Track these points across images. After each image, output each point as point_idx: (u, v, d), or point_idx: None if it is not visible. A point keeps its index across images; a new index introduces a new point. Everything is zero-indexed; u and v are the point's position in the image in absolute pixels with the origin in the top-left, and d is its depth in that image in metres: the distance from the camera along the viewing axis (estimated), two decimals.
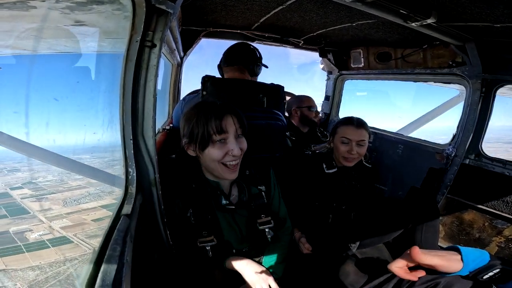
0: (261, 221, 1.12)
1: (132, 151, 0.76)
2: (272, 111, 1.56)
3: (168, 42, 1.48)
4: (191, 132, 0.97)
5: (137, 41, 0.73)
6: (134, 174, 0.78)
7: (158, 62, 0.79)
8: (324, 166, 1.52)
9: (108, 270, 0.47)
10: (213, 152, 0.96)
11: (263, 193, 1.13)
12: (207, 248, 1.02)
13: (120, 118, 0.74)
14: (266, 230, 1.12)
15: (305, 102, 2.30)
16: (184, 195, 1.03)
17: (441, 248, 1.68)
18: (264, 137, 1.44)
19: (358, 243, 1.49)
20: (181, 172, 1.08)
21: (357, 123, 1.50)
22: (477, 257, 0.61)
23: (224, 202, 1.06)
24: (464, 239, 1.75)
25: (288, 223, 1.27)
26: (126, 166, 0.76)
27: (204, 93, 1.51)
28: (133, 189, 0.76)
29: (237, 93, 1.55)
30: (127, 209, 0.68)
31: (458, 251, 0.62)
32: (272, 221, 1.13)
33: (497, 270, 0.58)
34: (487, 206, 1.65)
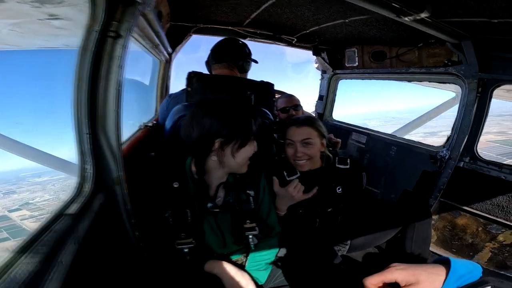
0: (246, 227, 1.06)
1: (89, 146, 0.70)
2: (260, 109, 1.49)
3: (148, 36, 1.42)
4: (233, 131, 0.94)
5: (96, 31, 0.70)
6: (91, 171, 0.72)
7: (124, 53, 0.76)
8: (285, 173, 1.42)
9: (27, 270, 0.43)
10: (248, 150, 1.00)
11: (251, 198, 1.08)
12: (185, 250, 0.98)
13: (74, 111, 0.69)
14: (250, 237, 1.07)
15: (279, 104, 2.16)
16: (163, 194, 0.98)
17: (433, 254, 1.63)
18: None
19: (348, 246, 1.43)
20: (162, 171, 1.03)
21: (300, 121, 1.39)
22: (468, 271, 0.54)
23: (209, 205, 1.00)
24: (457, 244, 1.70)
25: (277, 229, 1.22)
26: (82, 163, 0.70)
27: (189, 89, 1.45)
28: (87, 187, 0.70)
29: (224, 90, 1.49)
30: (74, 208, 0.62)
31: (448, 263, 0.55)
32: (257, 228, 1.07)
33: (489, 287, 0.52)
34: (481, 211, 1.59)
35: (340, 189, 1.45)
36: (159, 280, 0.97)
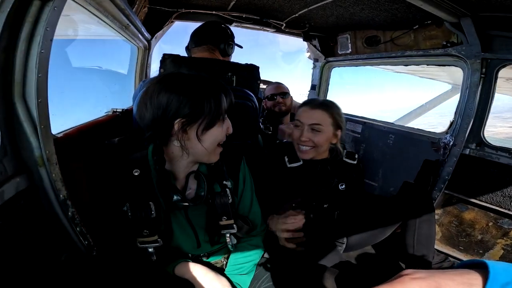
0: (222, 224, 0.90)
1: None
2: (241, 90, 1.34)
3: (111, 13, 1.27)
4: (198, 110, 0.77)
5: None
6: None
7: (53, 16, 0.67)
8: (286, 159, 1.26)
9: None
10: (218, 132, 0.83)
11: (227, 190, 0.91)
12: (149, 250, 0.82)
13: None
14: (227, 235, 0.91)
15: (266, 91, 2.06)
16: (120, 185, 0.82)
17: (438, 253, 1.47)
18: (231, 118, 1.22)
19: (344, 244, 1.27)
20: (121, 157, 0.87)
21: (315, 103, 1.23)
22: None
23: (175, 197, 0.83)
24: (464, 241, 1.53)
25: (260, 227, 1.06)
26: None
27: (162, 71, 1.33)
28: None
29: (200, 71, 1.33)
30: None
31: (484, 268, 0.39)
32: (234, 225, 0.91)
33: None
34: (491, 203, 1.43)
35: (344, 186, 1.28)
36: (118, 284, 0.80)
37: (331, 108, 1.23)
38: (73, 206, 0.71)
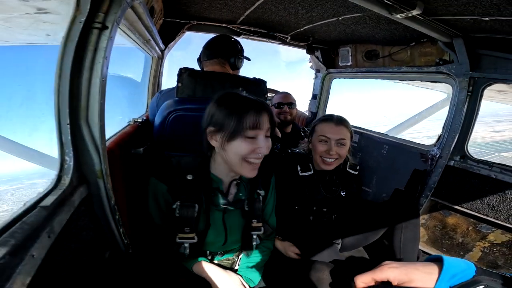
0: (253, 226, 1.06)
1: (69, 137, 0.68)
2: None
3: (138, 30, 1.39)
4: (222, 122, 0.89)
5: (80, 22, 0.68)
6: (72, 163, 0.69)
7: (109, 45, 0.75)
8: (299, 168, 1.41)
9: None
10: (240, 146, 0.90)
11: (261, 197, 1.08)
12: (185, 245, 0.96)
13: (55, 100, 0.67)
14: (254, 236, 1.06)
15: (274, 99, 2.20)
16: (174, 186, 0.96)
17: (423, 253, 1.63)
18: None
19: (339, 245, 1.43)
20: (177, 164, 1.00)
21: (337, 120, 1.38)
22: (462, 270, 0.53)
23: (221, 201, 0.99)
24: (447, 243, 1.70)
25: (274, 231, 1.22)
26: (62, 154, 0.68)
27: (180, 84, 1.44)
28: (67, 180, 0.68)
29: (214, 85, 1.47)
30: (50, 200, 0.60)
31: (441, 261, 0.54)
32: (262, 228, 1.07)
33: (481, 287, 0.50)
34: (471, 210, 1.59)
35: (344, 193, 1.45)
36: (148, 279, 0.94)
37: (348, 123, 1.40)
38: (118, 210, 0.86)
